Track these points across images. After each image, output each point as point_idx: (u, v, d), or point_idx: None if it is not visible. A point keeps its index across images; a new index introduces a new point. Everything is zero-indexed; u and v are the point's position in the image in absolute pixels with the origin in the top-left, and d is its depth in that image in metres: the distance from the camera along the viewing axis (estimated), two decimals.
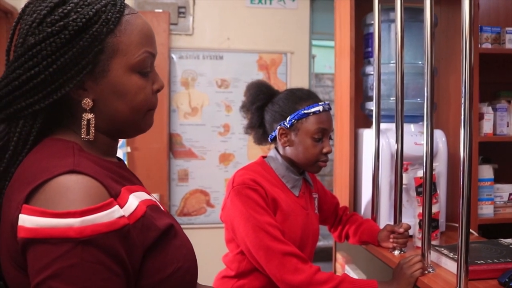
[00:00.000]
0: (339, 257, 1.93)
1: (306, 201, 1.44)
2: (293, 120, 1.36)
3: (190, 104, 3.14)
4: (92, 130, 0.71)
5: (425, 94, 1.29)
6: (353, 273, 1.74)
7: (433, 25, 1.28)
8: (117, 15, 0.71)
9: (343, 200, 1.85)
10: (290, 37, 3.21)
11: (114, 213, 0.63)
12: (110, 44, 0.70)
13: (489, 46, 1.84)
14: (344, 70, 1.91)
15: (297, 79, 3.19)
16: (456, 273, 1.14)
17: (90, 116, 0.71)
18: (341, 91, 1.96)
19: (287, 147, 1.39)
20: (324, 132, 1.37)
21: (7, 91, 0.68)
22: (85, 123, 0.71)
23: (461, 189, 1.10)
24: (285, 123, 1.37)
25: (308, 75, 3.27)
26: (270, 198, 1.31)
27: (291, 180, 1.40)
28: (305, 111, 1.35)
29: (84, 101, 0.71)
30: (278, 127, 1.38)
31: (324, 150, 1.37)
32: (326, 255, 2.77)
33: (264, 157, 1.47)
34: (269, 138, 1.46)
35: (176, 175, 3.13)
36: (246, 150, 3.19)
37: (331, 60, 5.86)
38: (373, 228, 1.54)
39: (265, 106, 1.44)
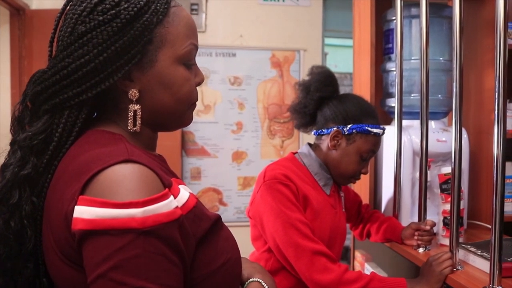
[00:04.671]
0: (358, 255, 1.92)
1: (335, 200, 1.43)
2: (353, 130, 1.34)
3: (203, 101, 3.13)
4: (138, 121, 0.70)
5: (454, 90, 1.27)
6: (374, 271, 1.73)
7: (462, 20, 1.27)
8: (165, 6, 0.70)
9: (363, 197, 1.83)
10: (303, 35, 3.21)
11: (172, 203, 0.62)
12: (158, 34, 0.69)
13: (511, 42, 1.82)
14: (364, 66, 1.89)
15: None
16: (487, 270, 1.13)
17: (137, 107, 0.70)
18: (360, 88, 1.95)
19: (332, 151, 1.38)
20: (372, 155, 1.39)
21: (55, 80, 0.66)
22: (132, 114, 0.70)
23: (495, 187, 1.08)
24: (345, 128, 1.35)
25: None
26: (301, 195, 1.29)
27: (323, 178, 1.39)
28: (369, 128, 1.34)
29: (131, 92, 0.69)
30: (335, 129, 1.36)
31: (363, 171, 1.39)
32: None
33: (294, 153, 1.45)
34: (315, 131, 1.43)
35: (188, 173, 3.13)
36: (259, 148, 3.18)
37: (335, 58, 5.85)
38: (396, 225, 1.52)
39: (328, 99, 1.41)
